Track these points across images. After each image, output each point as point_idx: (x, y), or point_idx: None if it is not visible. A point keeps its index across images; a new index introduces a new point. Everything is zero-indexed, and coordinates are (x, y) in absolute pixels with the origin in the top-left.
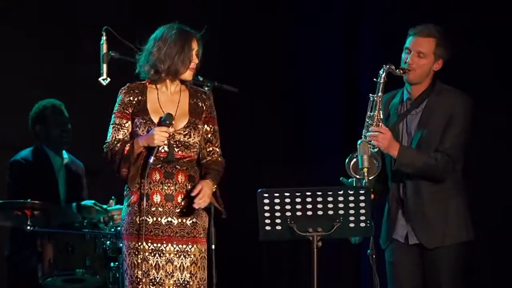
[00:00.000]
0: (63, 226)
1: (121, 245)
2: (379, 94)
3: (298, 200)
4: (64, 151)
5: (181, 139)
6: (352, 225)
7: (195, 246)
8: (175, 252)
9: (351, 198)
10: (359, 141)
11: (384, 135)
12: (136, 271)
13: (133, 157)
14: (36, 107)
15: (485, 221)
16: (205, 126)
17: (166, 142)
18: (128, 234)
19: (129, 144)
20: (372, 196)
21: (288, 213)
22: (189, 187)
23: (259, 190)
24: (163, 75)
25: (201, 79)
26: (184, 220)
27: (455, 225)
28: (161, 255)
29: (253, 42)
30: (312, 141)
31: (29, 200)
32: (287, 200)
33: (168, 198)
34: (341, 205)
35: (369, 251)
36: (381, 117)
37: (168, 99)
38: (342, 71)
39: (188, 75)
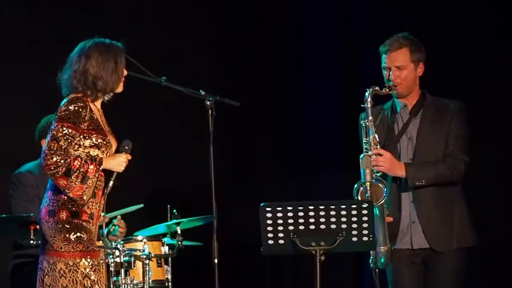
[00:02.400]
0: None
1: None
2: (370, 118)
3: (300, 214)
4: None
5: None
6: (355, 239)
7: None
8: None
9: (354, 212)
10: (361, 156)
11: (384, 157)
12: (103, 285)
13: (93, 181)
14: (43, 121)
15: (485, 227)
16: None
17: None
18: (90, 251)
19: (93, 167)
20: (391, 219)
21: (291, 227)
22: None
23: (262, 204)
24: (100, 94)
25: (202, 93)
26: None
27: (460, 229)
28: (100, 269)
29: (253, 55)
30: (315, 154)
31: (32, 214)
32: (290, 214)
33: (98, 217)
34: (343, 219)
35: (371, 265)
36: (377, 140)
37: (101, 116)
38: (343, 82)
39: (121, 88)
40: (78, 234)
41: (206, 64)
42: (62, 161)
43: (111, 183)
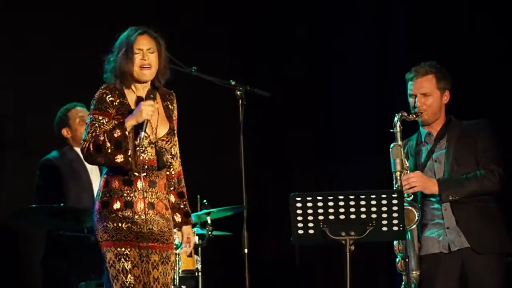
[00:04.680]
0: None
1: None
2: (399, 142)
3: (330, 204)
4: None
5: (163, 146)
6: (385, 228)
7: (172, 252)
8: (159, 259)
9: (384, 201)
10: (391, 145)
11: (416, 177)
12: (129, 277)
13: (127, 141)
14: (60, 111)
15: None
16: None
17: (149, 148)
18: (115, 241)
19: (117, 129)
20: (418, 245)
21: (321, 217)
22: (165, 195)
23: (292, 194)
24: (119, 81)
25: (233, 83)
26: (163, 228)
27: (501, 234)
28: (148, 261)
29: (285, 44)
30: (346, 145)
31: (62, 204)
32: (320, 204)
33: (150, 206)
34: (373, 209)
35: (402, 254)
36: (407, 164)
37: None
38: (374, 71)
39: (142, 75)
40: (105, 223)
41: (239, 55)
42: (88, 144)
43: (142, 133)
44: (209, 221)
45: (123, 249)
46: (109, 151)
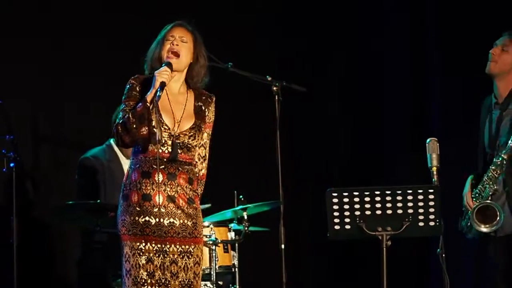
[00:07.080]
0: None
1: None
2: None
3: (367, 199)
4: None
5: (185, 141)
6: (421, 224)
7: (197, 246)
8: (179, 253)
9: (420, 197)
10: (427, 140)
11: None
12: (141, 272)
13: (148, 112)
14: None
15: None
16: (204, 132)
17: (169, 141)
18: (131, 235)
19: (140, 104)
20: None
21: (357, 212)
22: (189, 189)
23: (328, 189)
24: (150, 68)
25: (269, 78)
26: (185, 221)
27: None
28: (165, 256)
29: (325, 41)
30: (382, 139)
31: (99, 201)
32: (356, 200)
33: (170, 199)
34: (410, 204)
35: (438, 250)
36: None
37: (175, 99)
38: (411, 68)
39: (174, 62)
40: (123, 217)
41: (275, 50)
42: (117, 126)
43: (158, 93)
44: (245, 217)
45: (138, 244)
46: (134, 126)
